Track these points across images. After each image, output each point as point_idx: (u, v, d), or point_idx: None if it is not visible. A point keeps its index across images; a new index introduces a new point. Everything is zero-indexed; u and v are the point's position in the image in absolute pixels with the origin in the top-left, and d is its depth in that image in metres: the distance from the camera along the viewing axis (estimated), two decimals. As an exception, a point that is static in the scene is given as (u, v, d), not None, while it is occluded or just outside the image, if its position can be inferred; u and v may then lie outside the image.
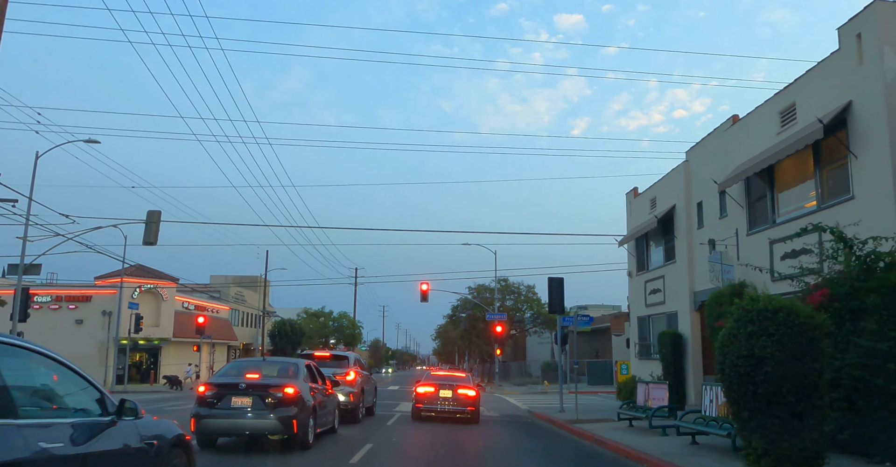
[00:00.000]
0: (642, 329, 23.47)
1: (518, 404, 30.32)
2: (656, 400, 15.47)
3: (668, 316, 20.97)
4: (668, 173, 21.32)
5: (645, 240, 23.37)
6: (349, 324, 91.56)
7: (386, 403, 26.37)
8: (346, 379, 15.94)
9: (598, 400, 33.53)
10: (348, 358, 16.99)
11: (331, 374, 15.73)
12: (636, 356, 23.87)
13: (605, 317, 52.99)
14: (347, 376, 15.99)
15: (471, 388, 18.29)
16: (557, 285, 22.87)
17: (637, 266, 24.16)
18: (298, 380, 10.61)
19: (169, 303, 47.86)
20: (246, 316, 68.98)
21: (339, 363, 16.50)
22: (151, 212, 25.86)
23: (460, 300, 54.34)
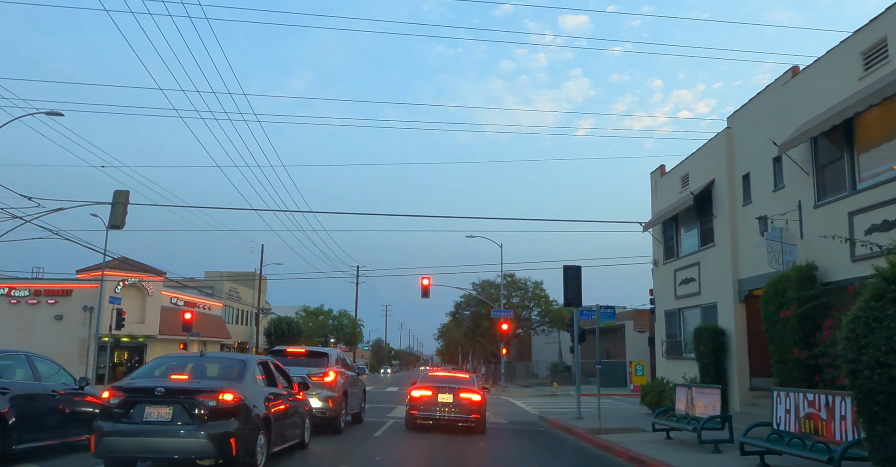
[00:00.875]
0: (671, 324, 20.61)
1: (527, 408, 27.50)
2: (703, 407, 12.63)
3: (704, 309, 18.11)
4: (705, 144, 18.47)
5: (674, 224, 20.51)
6: (349, 322, 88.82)
7: (379, 408, 23.58)
8: (325, 380, 13.17)
9: (614, 404, 30.64)
10: (328, 355, 14.16)
11: (305, 375, 12.93)
12: (663, 355, 21.01)
13: (619, 315, 50.10)
14: (326, 377, 13.22)
15: (475, 392, 15.35)
16: (574, 275, 20.08)
17: (665, 253, 21.29)
18: (243, 383, 7.83)
19: (155, 298, 45.15)
20: (241, 313, 66.28)
21: (315, 361, 13.72)
22: (119, 191, 23.09)
23: (464, 297, 51.49)
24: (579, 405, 20.17)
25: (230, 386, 7.53)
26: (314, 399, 12.66)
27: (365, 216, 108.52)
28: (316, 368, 13.23)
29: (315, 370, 13.14)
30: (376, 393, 35.01)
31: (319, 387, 12.88)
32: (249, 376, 8.06)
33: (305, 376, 12.72)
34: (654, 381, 20.90)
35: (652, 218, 21.83)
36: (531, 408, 27.27)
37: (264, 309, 66.60)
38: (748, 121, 16.26)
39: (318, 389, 12.82)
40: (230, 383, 7.63)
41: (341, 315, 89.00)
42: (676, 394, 14.02)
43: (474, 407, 14.99)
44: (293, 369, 12.77)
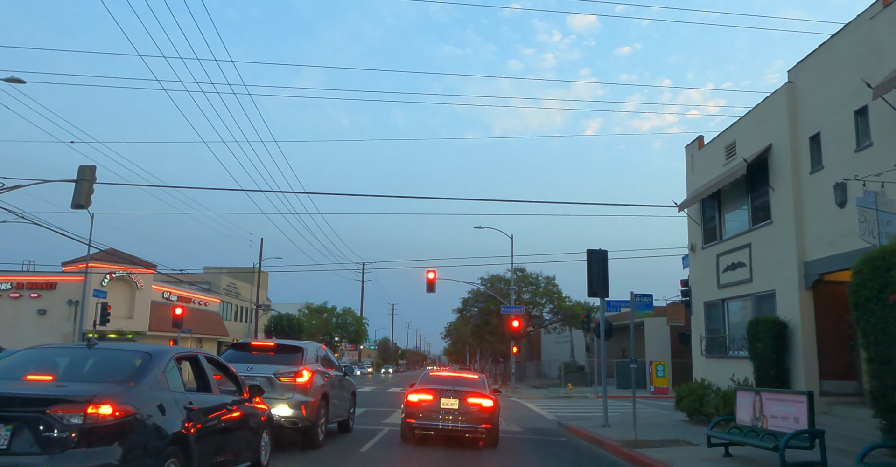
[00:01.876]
0: (712, 318, 17.83)
1: (542, 412, 24.77)
2: (780, 419, 9.87)
3: (757, 298, 15.33)
4: (759, 105, 15.68)
5: (716, 201, 17.73)
6: (354, 320, 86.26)
7: (376, 412, 20.90)
8: (297, 381, 10.48)
9: (640, 407, 27.79)
10: (303, 350, 11.36)
11: (272, 374, 10.46)
12: (702, 354, 18.22)
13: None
14: (298, 377, 10.50)
15: (486, 396, 12.61)
16: (599, 260, 17.37)
17: (704, 236, 18.50)
18: (137, 388, 5.15)
19: (144, 292, 42.66)
20: (240, 310, 63.81)
21: (286, 358, 10.97)
22: (84, 167, 20.50)
23: (472, 292, 48.70)
24: (606, 410, 17.44)
25: (111, 392, 4.85)
26: (283, 405, 10.15)
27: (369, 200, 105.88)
28: (286, 366, 10.62)
29: (285, 369, 10.54)
30: (376, 395, 32.33)
31: (290, 390, 10.34)
32: (150, 377, 5.33)
33: (272, 376, 10.27)
34: (691, 384, 18.13)
35: (688, 196, 19.05)
36: (546, 412, 24.56)
37: (264, 305, 64.10)
38: (819, 70, 13.47)
39: (288, 393, 10.30)
40: (114, 388, 4.91)
41: (345, 312, 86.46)
42: (738, 401, 11.25)
43: (485, 414, 12.32)
44: (259, 367, 10.53)
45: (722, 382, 16.34)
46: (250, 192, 78.28)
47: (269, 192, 19.30)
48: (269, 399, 9.80)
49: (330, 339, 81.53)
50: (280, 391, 10.21)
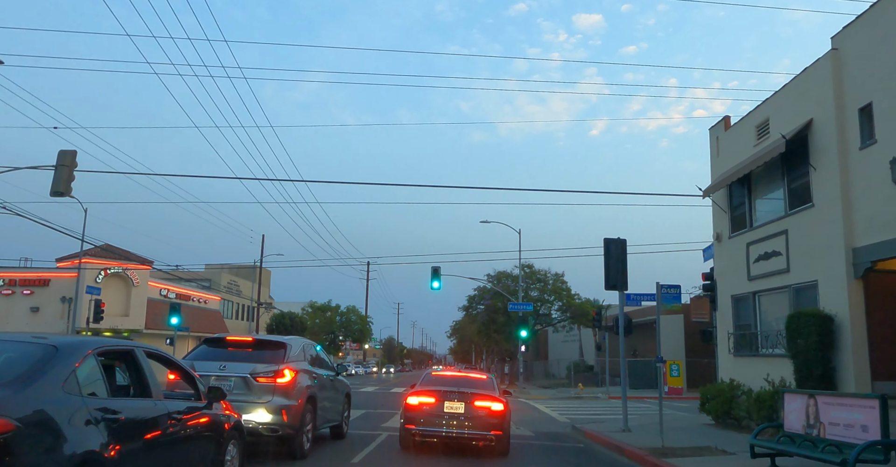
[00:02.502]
0: (742, 313, 16.37)
1: (552, 414, 23.37)
2: (842, 427, 8.44)
3: (796, 290, 13.86)
4: (797, 77, 14.22)
5: (746, 185, 16.27)
6: (358, 319, 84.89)
7: (376, 414, 19.50)
8: (277, 382, 9.10)
9: (656, 409, 26.27)
10: (286, 346, 9.92)
11: (247, 374, 9.09)
12: (730, 352, 16.75)
13: (648, 309, 45.76)
14: (279, 378, 9.13)
15: (495, 399, 11.29)
16: (617, 250, 15.97)
17: (732, 224, 17.04)
18: (25, 394, 3.58)
19: (140, 288, 41.41)
20: (242, 308, 62.61)
21: (266, 355, 9.54)
22: (64, 152, 19.21)
23: (478, 289, 47.29)
24: (626, 413, 16.00)
25: None
26: (261, 410, 8.83)
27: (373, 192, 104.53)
28: (266, 364, 9.22)
29: (264, 367, 9.15)
30: (377, 396, 30.97)
31: (270, 393, 9.00)
32: (50, 378, 3.82)
33: (248, 376, 8.93)
34: (717, 384, 16.68)
35: (713, 181, 17.58)
36: (557, 414, 23.15)
37: (266, 303, 62.83)
38: (869, 34, 12.01)
39: (266, 395, 8.97)
40: None
41: (349, 311, 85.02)
42: (786, 405, 9.80)
43: (495, 419, 11.01)
44: (233, 365, 9.19)
45: (753, 383, 14.90)
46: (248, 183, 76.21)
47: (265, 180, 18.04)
48: (246, 402, 8.72)
49: (334, 338, 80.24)
50: (258, 393, 8.95)
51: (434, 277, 36.13)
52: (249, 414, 8.60)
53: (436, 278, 36.17)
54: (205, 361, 9.18)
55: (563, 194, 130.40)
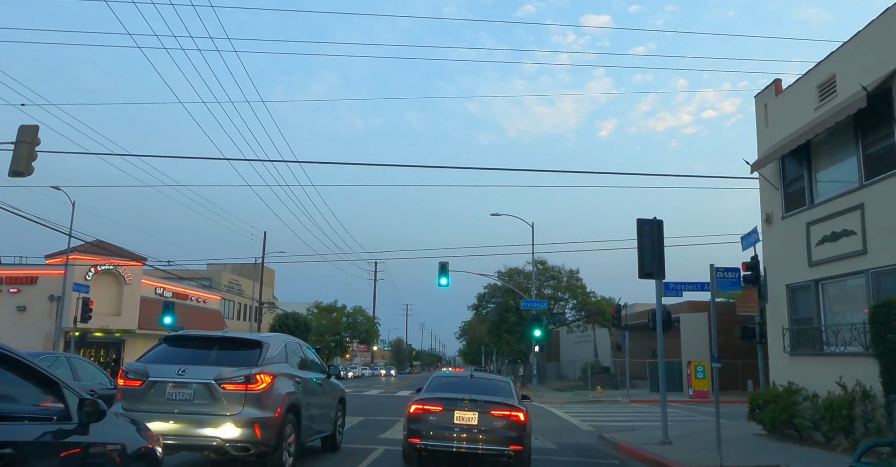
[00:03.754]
0: (801, 305, 14.03)
1: (573, 421, 21.08)
2: None
3: (875, 275, 11.54)
4: (872, 23, 11.92)
5: (805, 156, 13.94)
6: (365, 319, 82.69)
7: (375, 422, 17.23)
8: (249, 389, 7.44)
9: (686, 415, 23.89)
10: (262, 345, 8.06)
11: (211, 380, 7.46)
12: (785, 350, 14.40)
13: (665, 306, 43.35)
14: (251, 384, 7.46)
15: (514, 409, 9.28)
16: (653, 232, 13.74)
17: (786, 202, 14.71)
18: None
19: (133, 287, 39.36)
20: (243, 308, 60.56)
21: (236, 356, 7.86)
22: (24, 127, 17.13)
23: (488, 287, 44.97)
24: (665, 422, 13.66)
25: None
26: (228, 424, 7.25)
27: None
28: (234, 368, 7.57)
29: (232, 371, 7.52)
30: (380, 400, 28.76)
31: (238, 403, 7.39)
32: None
33: (212, 381, 7.38)
34: (771, 389, 14.35)
35: (763, 154, 15.26)
36: (579, 421, 20.86)
37: (270, 303, 60.77)
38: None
39: (235, 406, 7.38)
40: None
41: (356, 312, 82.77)
42: (898, 417, 7.52)
43: (514, 432, 9.13)
44: (194, 369, 7.57)
45: (817, 386, 12.59)
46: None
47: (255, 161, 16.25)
48: (208, 415, 7.27)
49: (340, 340, 78.09)
50: (224, 403, 7.35)
51: (442, 273, 33.95)
52: (214, 430, 7.20)
53: (444, 274, 33.98)
54: (160, 364, 7.69)
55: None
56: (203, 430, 7.18)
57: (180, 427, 7.20)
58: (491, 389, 10.16)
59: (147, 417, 6.51)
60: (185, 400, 7.33)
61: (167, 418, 7.22)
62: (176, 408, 7.30)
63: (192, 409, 7.26)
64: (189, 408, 7.28)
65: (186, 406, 7.31)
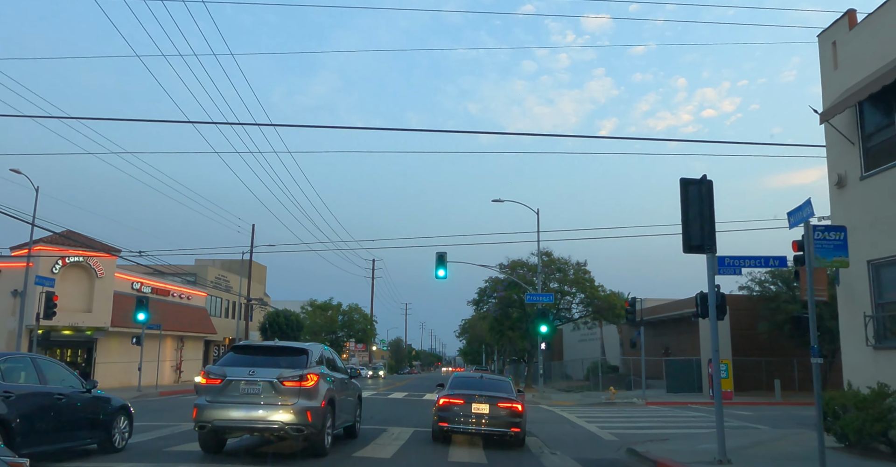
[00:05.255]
0: (886, 285, 11.18)
1: (590, 427, 18.15)
2: None
3: None
4: None
5: (890, 101, 11.06)
6: (361, 317, 79.67)
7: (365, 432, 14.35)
8: (302, 386, 9.76)
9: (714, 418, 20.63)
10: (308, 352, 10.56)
11: (275, 379, 9.72)
12: (870, 342, 11.54)
13: (683, 302, 40.43)
14: (304, 382, 9.77)
15: (514, 402, 12.72)
16: (700, 194, 11.01)
17: (865, 159, 11.84)
18: None
19: (105, 281, 36.38)
20: (231, 305, 57.52)
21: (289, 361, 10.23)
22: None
23: (489, 280, 42.01)
24: (722, 434, 10.73)
25: None
26: (288, 412, 9.53)
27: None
28: (291, 370, 9.90)
29: (289, 372, 9.83)
30: (373, 402, 25.84)
31: (295, 396, 9.69)
32: None
33: (275, 380, 9.61)
34: (850, 392, 11.46)
35: (834, 101, 12.36)
36: (597, 428, 17.96)
37: (258, 300, 57.79)
38: None
39: (292, 398, 9.66)
40: None
41: (352, 309, 79.77)
42: None
43: (515, 418, 12.64)
44: (261, 371, 9.79)
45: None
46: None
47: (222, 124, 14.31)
48: (273, 405, 9.59)
49: (335, 338, 75.11)
50: (285, 396, 9.72)
51: (439, 264, 31.05)
52: (277, 416, 9.49)
53: (441, 265, 31.08)
54: (234, 367, 9.91)
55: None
56: (269, 417, 9.44)
57: (252, 414, 9.49)
58: (497, 387, 13.72)
59: (225, 407, 9.40)
60: (254, 394, 9.59)
61: (241, 407, 9.52)
62: (248, 400, 9.55)
63: (260, 401, 9.52)
64: (258, 400, 9.53)
65: (256, 398, 9.56)
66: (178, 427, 14.97)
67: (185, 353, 46.77)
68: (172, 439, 12.64)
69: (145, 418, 17.17)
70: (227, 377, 9.69)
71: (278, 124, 33.09)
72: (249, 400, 9.53)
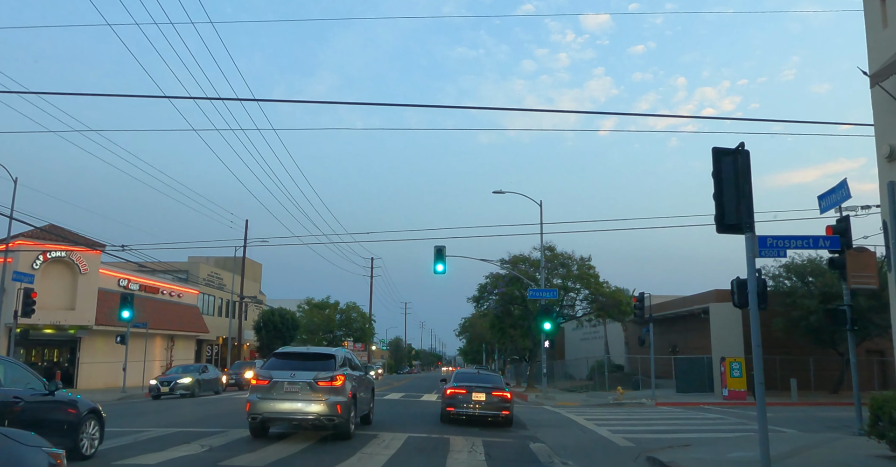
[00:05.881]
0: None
1: (601, 431, 16.62)
2: None
3: None
4: None
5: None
6: (359, 316, 78.08)
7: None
8: (333, 385, 12.25)
9: (738, 421, 19.07)
10: (335, 356, 13.12)
11: (311, 380, 12.22)
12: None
13: (691, 298, 38.98)
14: (335, 382, 12.29)
15: (504, 392, 16.82)
16: (737, 165, 9.51)
17: (922, 126, 10.35)
18: None
19: (90, 277, 34.89)
20: (225, 303, 56.05)
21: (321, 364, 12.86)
22: None
23: (490, 276, 40.47)
24: (766, 442, 9.20)
25: None
26: (322, 405, 12.09)
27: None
28: (323, 372, 12.45)
29: (323, 374, 12.38)
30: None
31: (328, 393, 12.21)
32: None
33: (312, 381, 12.18)
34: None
35: (889, 61, 10.85)
36: (608, 432, 16.43)
37: (253, 298, 56.27)
38: None
39: (326, 395, 12.18)
40: None
41: (349, 308, 78.12)
42: None
43: (505, 404, 16.50)
44: (300, 373, 12.37)
45: None
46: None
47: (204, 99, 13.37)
48: (310, 401, 12.08)
49: (332, 338, 73.48)
50: (319, 393, 12.09)
51: (438, 259, 29.53)
52: (314, 408, 12.04)
53: (440, 260, 29.56)
54: (277, 370, 12.47)
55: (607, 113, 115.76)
56: (307, 409, 12.04)
57: (294, 407, 12.06)
58: (491, 380, 17.66)
59: (273, 402, 12.04)
60: (295, 392, 12.12)
61: (285, 402, 12.08)
62: (291, 397, 12.10)
63: (300, 397, 12.10)
64: (298, 397, 12.09)
65: (297, 395, 12.11)
66: (148, 432, 13.55)
67: (176, 353, 45.28)
68: (138, 447, 11.31)
69: (124, 422, 15.88)
70: (273, 379, 12.19)
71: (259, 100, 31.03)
72: (291, 396, 12.03)
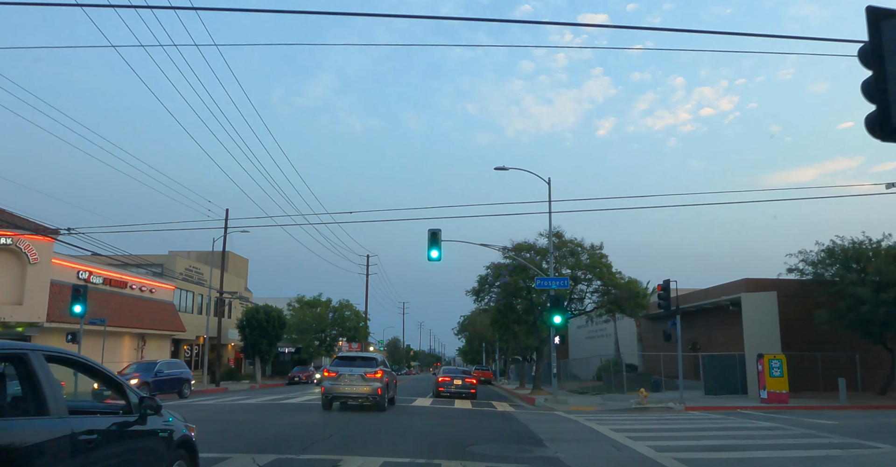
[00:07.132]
0: None
1: (636, 446, 12.65)
2: None
3: None
4: None
5: None
6: (352, 314, 74.00)
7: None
8: (376, 376, 19.92)
9: (800, 431, 14.57)
10: (375, 358, 21.20)
11: (362, 373, 20.08)
12: None
13: (716, 288, 35.07)
14: (377, 374, 19.87)
15: (472, 378, 30.28)
16: None
17: None
18: None
19: (41, 268, 31.00)
20: (205, 300, 52.14)
21: (368, 362, 20.73)
22: None
23: (491, 266, 36.50)
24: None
25: None
26: (368, 388, 19.78)
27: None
28: (369, 367, 20.16)
29: (369, 369, 20.07)
30: (331, 415, 20.42)
31: (373, 381, 19.81)
32: None
33: (363, 374, 19.88)
34: None
35: None
36: (646, 447, 12.54)
37: (235, 293, 52.35)
38: None
39: (372, 382, 19.76)
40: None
41: (342, 306, 74.01)
42: None
43: (473, 385, 29.65)
44: (355, 369, 20.04)
45: None
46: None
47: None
48: (362, 386, 19.81)
49: (324, 337, 69.45)
50: (366, 381, 19.77)
51: (432, 244, 25.73)
52: (364, 391, 19.72)
53: (434, 245, 25.77)
54: (341, 367, 20.23)
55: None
56: (359, 390, 19.68)
57: (354, 389, 19.72)
58: (466, 372, 33.28)
59: (340, 387, 19.82)
60: (354, 381, 19.73)
61: (348, 388, 19.74)
62: (349, 383, 19.75)
63: (356, 384, 19.70)
64: (355, 383, 19.69)
65: (354, 382, 19.71)
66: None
67: (148, 353, 41.32)
68: None
69: None
70: (339, 373, 19.93)
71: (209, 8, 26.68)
72: (350, 383, 19.79)
